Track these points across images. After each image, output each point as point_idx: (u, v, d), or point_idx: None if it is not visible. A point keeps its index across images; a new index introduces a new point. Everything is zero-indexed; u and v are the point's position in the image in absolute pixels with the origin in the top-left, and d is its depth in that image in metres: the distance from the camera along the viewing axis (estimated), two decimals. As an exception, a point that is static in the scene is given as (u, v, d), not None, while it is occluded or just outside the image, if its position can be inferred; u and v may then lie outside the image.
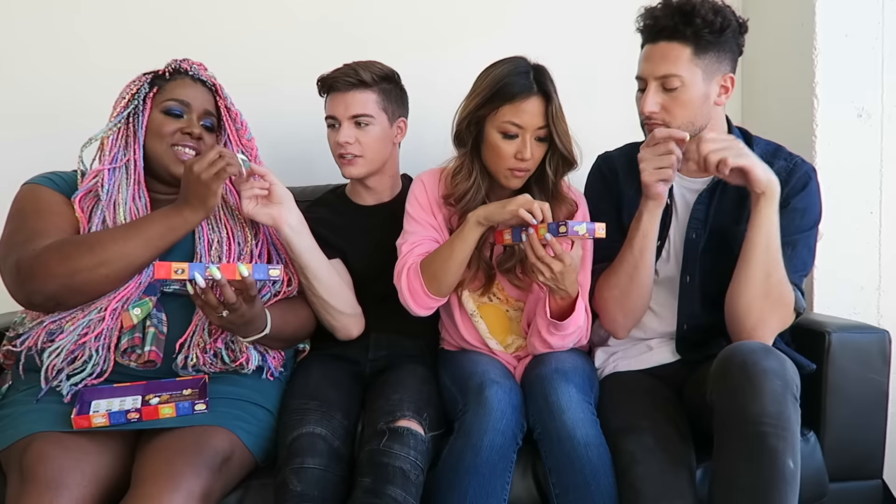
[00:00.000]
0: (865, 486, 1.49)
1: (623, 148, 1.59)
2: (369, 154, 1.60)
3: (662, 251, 1.51)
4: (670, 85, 1.38)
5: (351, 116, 1.58)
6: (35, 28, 2.00)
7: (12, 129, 1.99)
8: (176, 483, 1.12)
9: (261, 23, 2.05)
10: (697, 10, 1.35)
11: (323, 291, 1.48)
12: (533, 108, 1.43)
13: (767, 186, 1.32)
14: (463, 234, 1.42)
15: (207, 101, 1.45)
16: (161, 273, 1.19)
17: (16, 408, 1.28)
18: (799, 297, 1.39)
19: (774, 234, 1.34)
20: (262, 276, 1.26)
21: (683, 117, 1.39)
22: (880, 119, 1.82)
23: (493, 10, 2.09)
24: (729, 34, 1.38)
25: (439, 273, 1.43)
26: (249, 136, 1.48)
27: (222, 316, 1.25)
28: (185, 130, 1.40)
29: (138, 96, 1.41)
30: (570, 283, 1.39)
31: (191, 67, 1.44)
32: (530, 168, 1.47)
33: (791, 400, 1.17)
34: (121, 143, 1.41)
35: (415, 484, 1.25)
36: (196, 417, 1.26)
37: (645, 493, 1.23)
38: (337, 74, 1.59)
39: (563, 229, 1.31)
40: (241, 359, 1.39)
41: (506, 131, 1.44)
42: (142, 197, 1.41)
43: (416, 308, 1.47)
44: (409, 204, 1.56)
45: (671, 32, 1.38)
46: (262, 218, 1.42)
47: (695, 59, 1.37)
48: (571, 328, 1.43)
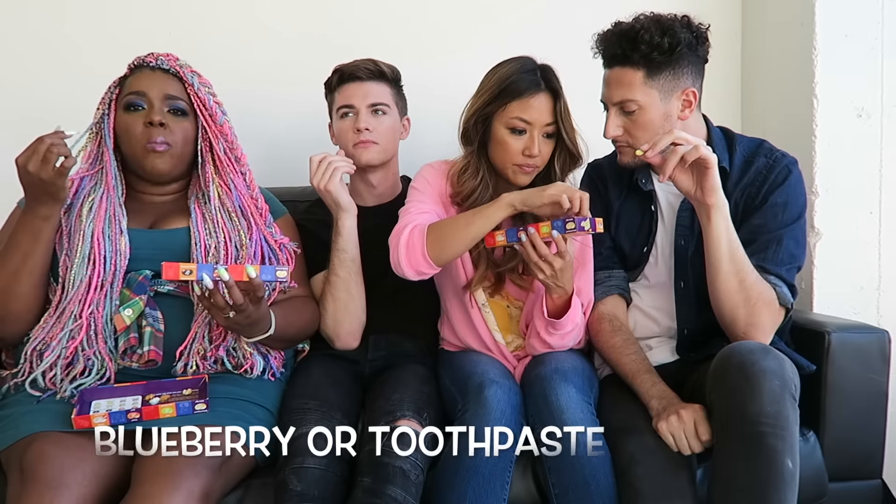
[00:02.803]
0: (865, 486, 1.49)
1: (610, 156, 1.60)
2: (383, 143, 1.63)
3: (650, 257, 1.52)
4: (628, 109, 1.40)
5: (370, 104, 1.62)
6: (24, 31, 1.99)
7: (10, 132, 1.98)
8: (176, 483, 1.12)
9: (261, 21, 2.05)
10: (642, 36, 1.36)
11: (355, 287, 1.53)
12: (541, 105, 1.45)
13: (718, 198, 1.33)
14: (488, 212, 1.40)
15: (170, 86, 1.41)
16: (169, 274, 1.20)
17: (16, 408, 1.29)
18: (785, 293, 1.38)
19: (733, 239, 1.35)
20: (269, 278, 1.26)
21: (645, 138, 1.40)
22: (880, 119, 1.82)
23: (491, 15, 2.09)
24: (683, 50, 1.37)
25: (447, 239, 1.39)
26: (222, 120, 1.45)
27: (228, 317, 1.25)
28: (147, 121, 1.39)
29: (106, 102, 1.42)
30: (567, 280, 1.39)
31: (156, 59, 1.42)
32: (538, 165, 1.48)
33: (789, 400, 1.17)
34: (94, 150, 1.43)
35: (415, 484, 1.25)
36: (196, 417, 1.25)
37: (645, 493, 1.23)
38: (357, 63, 1.63)
39: (571, 226, 1.32)
40: (245, 365, 1.39)
41: (514, 127, 1.45)
42: (108, 201, 1.40)
43: (406, 267, 1.40)
44: (418, 181, 1.56)
45: (621, 59, 1.39)
46: (344, 198, 1.51)
47: (648, 82, 1.38)
48: (569, 326, 1.43)
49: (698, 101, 1.45)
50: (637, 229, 1.54)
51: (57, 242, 1.37)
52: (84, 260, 1.35)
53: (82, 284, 1.34)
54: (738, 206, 1.44)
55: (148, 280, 1.37)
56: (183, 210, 1.46)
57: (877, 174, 1.82)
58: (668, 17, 1.39)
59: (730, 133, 1.53)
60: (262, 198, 1.51)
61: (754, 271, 1.36)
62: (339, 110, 1.64)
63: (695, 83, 1.43)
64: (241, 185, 1.46)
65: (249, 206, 1.46)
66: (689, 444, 1.25)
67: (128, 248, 1.37)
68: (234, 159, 1.46)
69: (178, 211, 1.46)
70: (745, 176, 1.46)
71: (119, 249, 1.37)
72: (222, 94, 1.50)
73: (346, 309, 1.53)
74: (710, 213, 1.34)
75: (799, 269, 1.44)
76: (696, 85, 1.43)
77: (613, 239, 1.55)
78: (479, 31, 2.07)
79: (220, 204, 1.45)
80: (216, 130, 1.44)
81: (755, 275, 1.36)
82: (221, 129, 1.44)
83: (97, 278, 1.34)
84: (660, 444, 1.27)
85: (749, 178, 1.45)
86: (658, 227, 1.52)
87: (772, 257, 1.39)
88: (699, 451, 1.25)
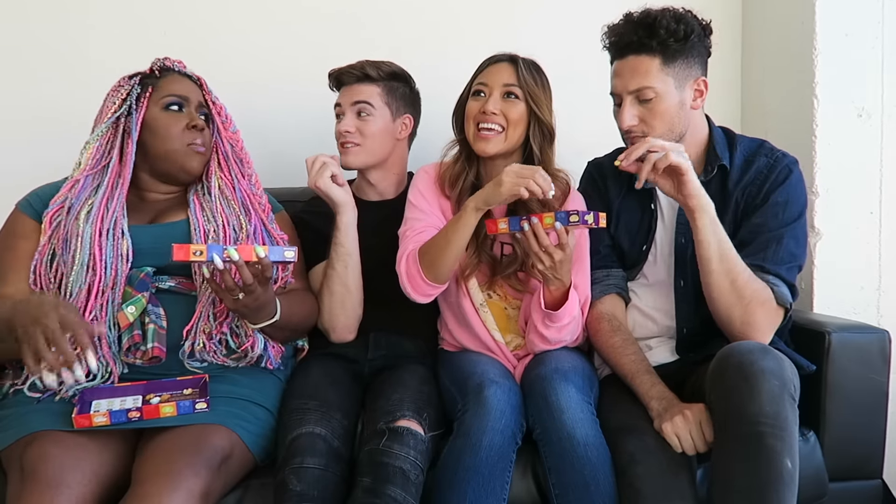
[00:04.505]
0: (865, 486, 1.49)
1: (612, 153, 1.61)
2: (368, 145, 1.64)
3: (649, 255, 1.53)
4: (645, 97, 1.40)
5: (353, 103, 1.64)
6: (26, 32, 1.99)
7: (9, 134, 1.99)
8: (176, 482, 1.12)
9: (265, 20, 2.05)
10: (659, 22, 1.38)
11: (352, 282, 1.54)
12: (500, 69, 1.53)
13: (700, 199, 1.34)
14: (461, 221, 1.42)
15: (198, 94, 1.48)
16: (180, 255, 1.21)
17: (17, 407, 1.29)
18: (783, 292, 1.37)
19: (722, 240, 1.35)
20: (278, 258, 1.28)
21: (662, 127, 1.41)
22: (880, 119, 1.82)
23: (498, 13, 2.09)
24: (694, 39, 1.40)
25: (437, 260, 1.43)
26: (234, 128, 1.51)
27: (238, 298, 1.27)
28: (192, 124, 1.43)
29: (130, 97, 1.42)
30: (566, 273, 1.40)
31: (174, 64, 1.47)
32: (499, 125, 1.50)
33: (789, 400, 1.17)
34: (105, 148, 1.43)
35: (415, 484, 1.25)
36: (196, 416, 1.26)
37: (645, 494, 1.23)
38: (344, 69, 1.66)
39: (575, 218, 1.32)
40: (246, 343, 1.39)
41: (476, 91, 1.52)
42: (110, 201, 1.40)
43: (414, 294, 1.48)
44: (412, 193, 1.58)
45: (637, 46, 1.40)
46: (336, 193, 1.52)
47: (665, 69, 1.39)
48: (566, 318, 1.43)
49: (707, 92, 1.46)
50: (637, 227, 1.54)
51: (57, 245, 1.37)
52: (83, 267, 1.34)
53: (82, 292, 1.33)
54: (738, 205, 1.45)
55: (150, 277, 1.37)
56: (182, 204, 1.48)
57: (877, 174, 1.83)
58: (677, 8, 1.42)
59: (731, 133, 1.54)
60: (266, 197, 1.53)
61: (747, 270, 1.36)
62: (335, 110, 1.68)
63: (704, 73, 1.45)
64: (245, 184, 1.50)
65: (252, 200, 1.49)
66: (694, 445, 1.25)
67: (130, 251, 1.38)
68: (239, 161, 1.50)
69: (177, 206, 1.48)
70: (745, 175, 1.46)
71: (121, 253, 1.37)
72: (223, 94, 1.51)
73: (342, 302, 1.54)
74: (694, 214, 1.35)
75: (800, 268, 1.44)
76: (705, 75, 1.45)
77: (613, 237, 1.56)
78: (489, 27, 2.08)
79: (220, 193, 1.47)
80: (228, 136, 1.49)
81: (747, 274, 1.35)
82: (233, 137, 1.50)
83: (98, 284, 1.34)
84: (660, 445, 1.27)
85: (750, 178, 1.46)
86: (658, 226, 1.52)
87: (771, 256, 1.39)
88: (704, 452, 1.26)
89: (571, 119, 1.64)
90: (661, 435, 1.28)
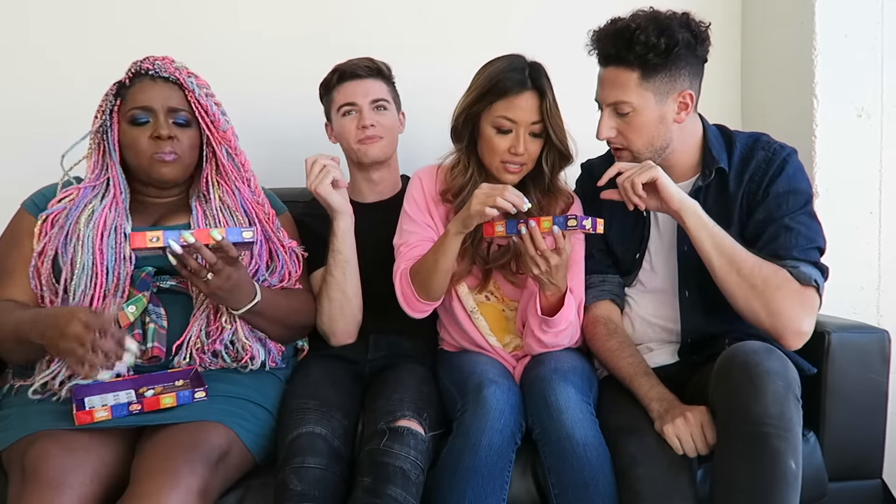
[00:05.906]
0: (865, 486, 1.49)
1: (604, 156, 1.58)
2: (388, 137, 1.67)
3: (643, 262, 1.51)
4: (621, 111, 1.38)
5: (372, 101, 1.64)
6: (14, 38, 1.98)
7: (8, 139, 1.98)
8: (174, 480, 1.12)
9: (261, 21, 2.05)
10: (637, 37, 1.32)
11: (350, 288, 1.54)
12: (526, 104, 1.44)
13: (681, 202, 1.33)
14: (444, 244, 1.41)
15: (173, 97, 1.40)
16: (137, 243, 1.22)
17: (17, 408, 1.29)
18: (804, 271, 1.32)
19: (716, 234, 1.33)
20: (235, 238, 1.28)
21: (640, 141, 1.39)
22: (880, 119, 1.82)
23: (490, 10, 2.09)
24: (680, 51, 1.33)
25: (427, 281, 1.44)
26: (225, 126, 1.45)
27: (208, 280, 1.27)
28: (154, 135, 1.38)
29: (106, 112, 1.41)
30: (561, 278, 1.39)
31: (153, 65, 1.40)
32: (525, 163, 1.48)
33: (793, 401, 1.17)
34: (98, 161, 1.43)
35: (415, 484, 1.25)
36: (194, 413, 1.26)
37: (645, 495, 1.22)
38: (356, 62, 1.66)
39: (573, 223, 1.31)
40: (244, 357, 1.39)
41: (500, 126, 1.45)
42: (114, 209, 1.40)
43: (411, 312, 1.49)
44: (407, 202, 1.57)
45: (615, 59, 1.36)
46: (335, 201, 1.51)
47: (643, 84, 1.35)
48: (563, 324, 1.43)
49: (695, 103, 1.42)
50: (630, 235, 1.52)
51: (59, 247, 1.36)
52: (85, 271, 1.34)
53: (85, 297, 1.33)
54: (741, 204, 1.42)
55: (150, 277, 1.37)
56: (184, 208, 1.47)
57: (877, 174, 1.83)
58: (666, 16, 1.35)
59: (727, 131, 1.50)
60: (269, 203, 1.52)
61: (752, 258, 1.32)
62: (341, 109, 1.65)
63: (692, 85, 1.39)
64: (246, 191, 1.47)
65: (256, 210, 1.48)
66: (695, 447, 1.25)
67: (133, 254, 1.37)
68: (237, 165, 1.46)
69: (180, 209, 1.48)
70: (744, 173, 1.43)
71: (124, 256, 1.37)
72: (222, 94, 1.49)
73: (340, 308, 1.54)
74: (681, 216, 1.34)
75: (820, 251, 1.39)
76: (693, 86, 1.39)
77: (606, 242, 1.53)
78: (479, 26, 2.07)
79: (221, 203, 1.46)
80: (219, 137, 1.44)
81: (753, 260, 1.32)
82: (224, 136, 1.44)
83: (100, 289, 1.34)
84: (660, 446, 1.27)
85: (749, 175, 1.42)
86: (651, 233, 1.50)
87: (783, 244, 1.35)
88: (705, 454, 1.25)
89: (569, 119, 1.63)
90: (661, 436, 1.27)
